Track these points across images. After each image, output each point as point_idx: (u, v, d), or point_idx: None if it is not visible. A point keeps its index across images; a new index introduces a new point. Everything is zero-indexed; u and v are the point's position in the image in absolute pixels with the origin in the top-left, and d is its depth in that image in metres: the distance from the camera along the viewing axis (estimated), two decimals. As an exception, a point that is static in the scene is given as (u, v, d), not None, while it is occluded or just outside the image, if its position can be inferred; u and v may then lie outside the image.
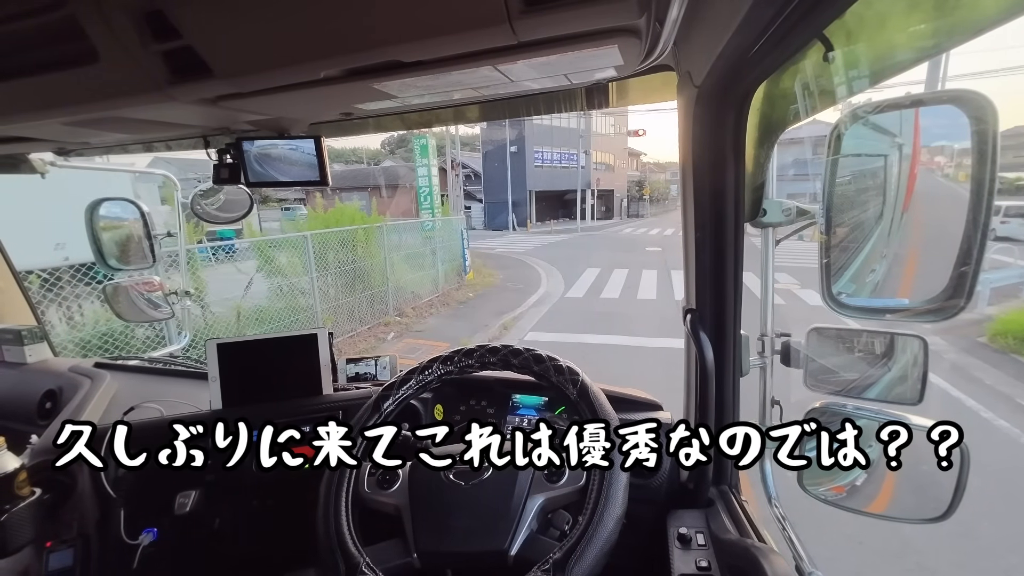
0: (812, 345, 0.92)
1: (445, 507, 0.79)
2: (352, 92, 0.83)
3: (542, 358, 0.91)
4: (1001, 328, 5.58)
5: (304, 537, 1.11)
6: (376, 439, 0.85)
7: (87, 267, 4.25)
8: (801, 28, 0.56)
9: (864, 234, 0.76)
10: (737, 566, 0.80)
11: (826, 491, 0.88)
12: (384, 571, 0.71)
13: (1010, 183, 12.63)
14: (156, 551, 1.08)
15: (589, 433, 0.80)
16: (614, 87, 0.99)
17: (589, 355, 5.68)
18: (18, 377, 1.53)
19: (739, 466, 0.94)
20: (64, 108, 0.84)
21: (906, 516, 0.83)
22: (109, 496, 1.06)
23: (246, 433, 0.93)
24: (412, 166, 13.03)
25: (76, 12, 0.62)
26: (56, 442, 0.88)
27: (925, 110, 0.66)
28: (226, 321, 5.47)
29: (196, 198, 1.44)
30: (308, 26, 0.62)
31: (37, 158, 1.48)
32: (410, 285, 8.41)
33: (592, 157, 29.66)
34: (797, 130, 0.82)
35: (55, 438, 0.89)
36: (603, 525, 0.71)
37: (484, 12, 0.56)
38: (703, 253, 0.91)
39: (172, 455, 0.91)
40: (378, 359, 1.44)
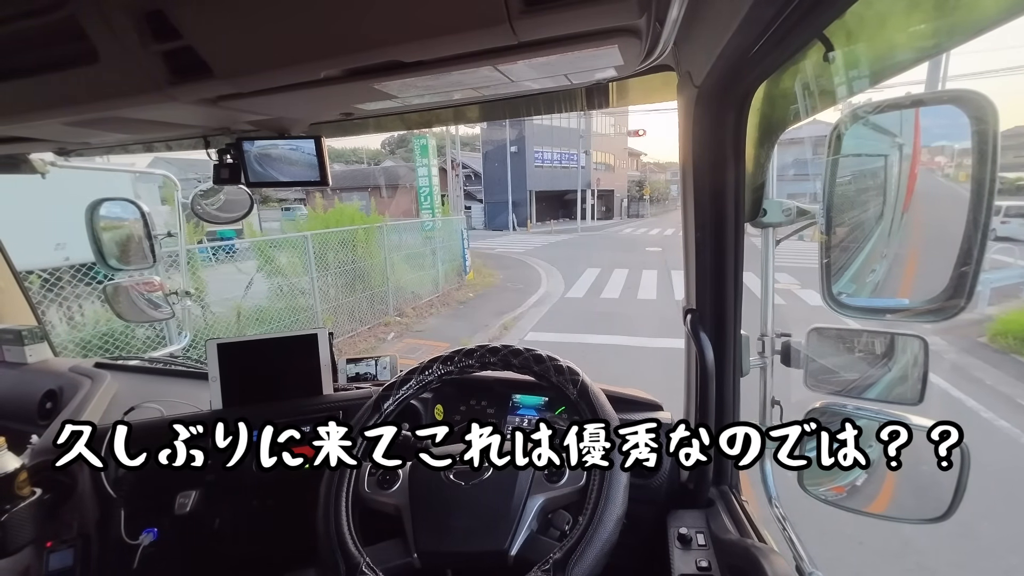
0: (812, 345, 0.92)
1: (445, 507, 0.79)
2: (352, 92, 0.83)
3: (542, 358, 0.91)
4: (1001, 328, 5.58)
5: (304, 537, 1.11)
6: (376, 439, 0.85)
7: (87, 267, 4.26)
8: (801, 28, 0.56)
9: (864, 234, 0.76)
10: (737, 566, 0.80)
11: (826, 491, 0.88)
12: (384, 571, 0.71)
13: (1010, 183, 12.63)
14: (156, 551, 1.08)
15: (589, 433, 0.80)
16: (614, 87, 0.99)
17: (589, 355, 5.68)
18: (18, 377, 1.53)
19: (739, 466, 0.94)
20: (64, 108, 0.84)
21: (906, 516, 0.83)
22: (109, 496, 1.06)
23: (246, 433, 0.93)
24: (412, 166, 13.04)
25: (76, 12, 0.62)
26: (56, 442, 0.88)
27: (925, 110, 0.66)
28: (226, 321, 5.47)
29: (196, 198, 1.44)
30: (308, 26, 0.62)
31: (37, 158, 1.48)
32: (410, 285, 8.41)
33: (592, 157, 29.66)
34: (797, 130, 0.82)
35: (55, 438, 0.89)
36: (603, 525, 0.71)
37: (484, 12, 0.56)
38: (703, 253, 0.91)
39: (172, 455, 0.91)
40: (378, 359, 1.44)
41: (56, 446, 0.88)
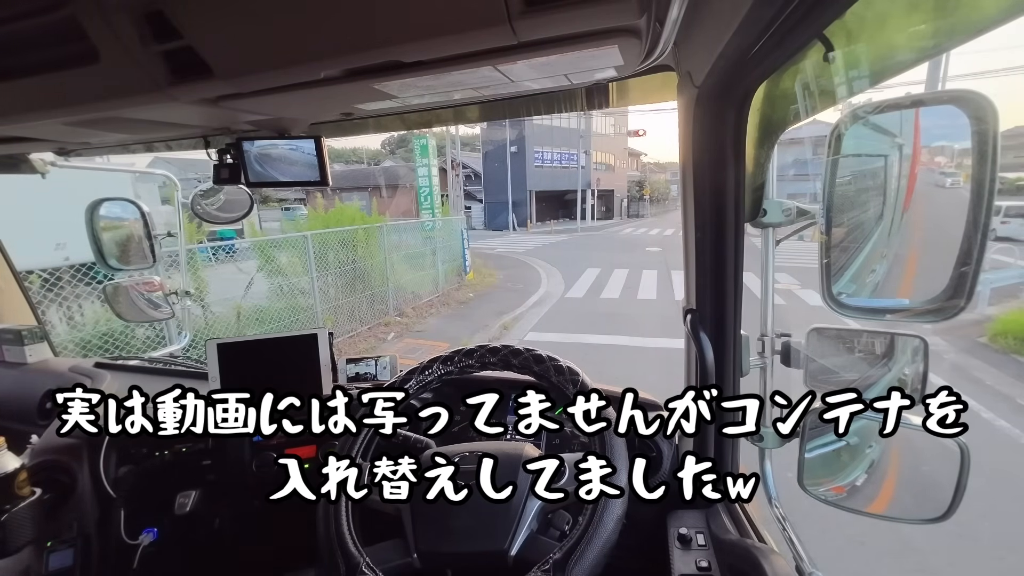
0: (812, 345, 0.92)
1: (445, 507, 0.79)
2: (352, 92, 0.83)
3: (542, 358, 0.91)
4: (1001, 328, 5.58)
5: (304, 537, 1.11)
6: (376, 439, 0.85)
7: (87, 267, 4.26)
8: (801, 28, 0.56)
9: (864, 234, 0.76)
10: (737, 566, 0.80)
11: (826, 491, 0.88)
12: (384, 571, 0.71)
13: (1010, 183, 12.62)
14: (156, 551, 1.08)
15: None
16: (614, 87, 0.99)
17: (589, 355, 5.68)
18: (18, 377, 1.53)
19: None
20: (64, 108, 0.84)
21: (906, 516, 0.83)
22: (109, 496, 1.06)
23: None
24: (412, 166, 13.04)
25: (77, 12, 0.62)
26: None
27: (925, 110, 0.66)
28: (226, 321, 5.47)
29: (196, 198, 1.44)
30: (308, 26, 0.62)
31: (37, 158, 1.48)
32: (410, 285, 8.41)
33: (592, 157, 29.64)
34: (797, 130, 0.81)
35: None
36: (603, 525, 0.71)
37: (484, 12, 0.56)
38: (703, 253, 0.91)
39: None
40: (378, 359, 1.44)
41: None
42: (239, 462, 1.15)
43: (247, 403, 0.92)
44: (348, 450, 0.89)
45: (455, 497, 0.77)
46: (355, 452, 0.89)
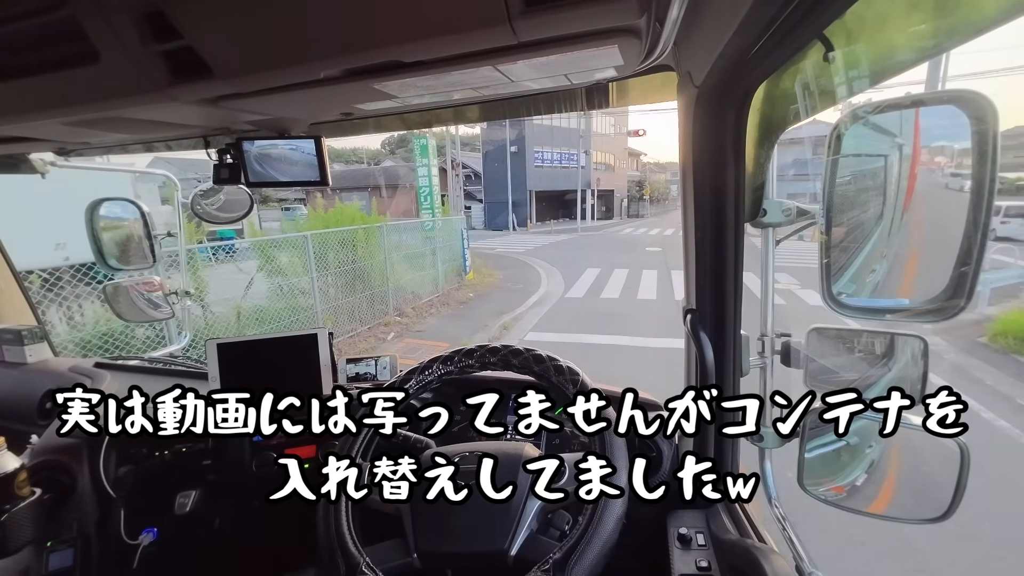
0: (812, 345, 0.92)
1: (445, 507, 0.79)
2: (352, 92, 0.83)
3: (542, 358, 0.91)
4: (1001, 328, 5.58)
5: (304, 537, 1.11)
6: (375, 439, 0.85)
7: (87, 267, 4.26)
8: (801, 28, 0.56)
9: (864, 234, 0.76)
10: (737, 566, 0.80)
11: (826, 491, 0.88)
12: (384, 571, 0.71)
13: (1010, 183, 12.61)
14: (156, 551, 1.08)
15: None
16: (614, 87, 0.99)
17: (590, 355, 5.68)
18: (18, 377, 1.53)
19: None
20: (64, 108, 0.84)
21: (906, 516, 0.83)
22: (109, 496, 1.06)
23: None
24: (412, 166, 13.05)
25: (76, 12, 0.62)
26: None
27: (925, 110, 0.66)
28: (226, 321, 5.47)
29: (196, 198, 1.44)
30: (308, 26, 0.62)
31: (37, 158, 1.48)
32: (410, 285, 8.41)
33: (592, 157, 29.64)
34: (797, 130, 0.81)
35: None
36: (603, 525, 0.71)
37: (484, 12, 0.56)
38: (703, 253, 0.91)
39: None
40: (378, 359, 1.44)
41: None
42: (239, 462, 1.15)
43: (247, 403, 0.92)
44: (348, 450, 0.89)
45: (455, 497, 0.77)
46: (355, 452, 0.89)
